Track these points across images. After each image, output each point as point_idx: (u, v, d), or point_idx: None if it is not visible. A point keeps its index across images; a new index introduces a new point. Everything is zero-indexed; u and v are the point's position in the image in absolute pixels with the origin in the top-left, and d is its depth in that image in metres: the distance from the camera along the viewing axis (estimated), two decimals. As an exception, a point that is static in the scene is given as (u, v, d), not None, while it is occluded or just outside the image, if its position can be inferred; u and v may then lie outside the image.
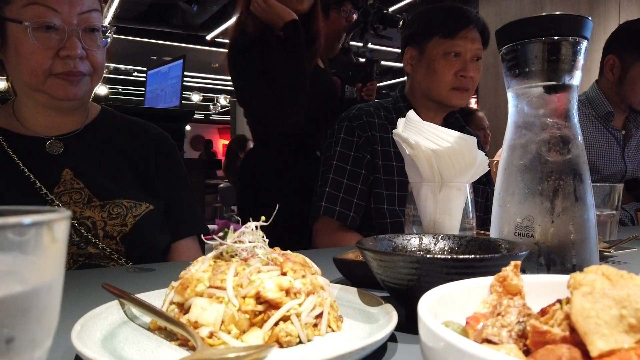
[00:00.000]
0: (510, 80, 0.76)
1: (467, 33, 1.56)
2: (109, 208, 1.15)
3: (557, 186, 0.71)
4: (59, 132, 1.19)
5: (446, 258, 0.57)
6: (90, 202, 1.14)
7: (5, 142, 1.12)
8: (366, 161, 1.55)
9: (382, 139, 1.58)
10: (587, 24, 0.71)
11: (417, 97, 1.67)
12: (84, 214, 1.12)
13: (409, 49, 1.67)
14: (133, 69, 10.89)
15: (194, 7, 7.80)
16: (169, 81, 3.29)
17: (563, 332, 0.29)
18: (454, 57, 1.56)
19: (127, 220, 1.15)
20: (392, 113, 1.66)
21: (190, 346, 0.52)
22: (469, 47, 1.56)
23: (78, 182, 1.15)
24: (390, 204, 1.52)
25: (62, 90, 1.11)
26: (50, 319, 0.28)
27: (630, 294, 0.27)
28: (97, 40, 1.15)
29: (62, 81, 1.10)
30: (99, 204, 1.14)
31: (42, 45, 1.06)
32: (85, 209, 1.13)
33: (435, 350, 0.31)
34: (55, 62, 1.08)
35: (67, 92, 1.11)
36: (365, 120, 1.58)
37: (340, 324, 0.59)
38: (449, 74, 1.56)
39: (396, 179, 1.55)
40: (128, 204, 1.17)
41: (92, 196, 1.14)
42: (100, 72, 1.18)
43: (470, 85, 1.59)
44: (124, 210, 1.16)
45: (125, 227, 1.15)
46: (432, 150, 0.87)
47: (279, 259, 0.60)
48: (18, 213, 0.26)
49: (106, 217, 1.14)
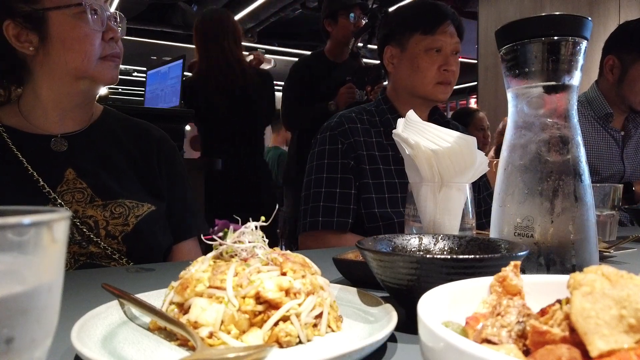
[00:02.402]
0: (510, 81, 0.76)
1: (445, 28, 1.59)
2: (111, 208, 1.15)
3: (557, 186, 0.71)
4: (64, 130, 1.20)
5: (446, 258, 0.57)
6: (93, 201, 1.14)
7: (10, 140, 1.13)
8: (351, 167, 1.56)
9: (367, 144, 1.59)
10: (587, 24, 0.71)
11: (400, 96, 1.68)
12: (86, 213, 1.13)
13: (389, 48, 1.69)
14: (133, 69, 10.88)
15: (194, 7, 7.79)
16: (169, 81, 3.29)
17: (563, 332, 0.29)
18: (435, 52, 1.59)
19: (129, 220, 1.15)
20: (375, 116, 1.67)
21: (190, 346, 0.52)
22: (449, 42, 1.59)
23: (81, 182, 1.15)
24: (381, 207, 1.52)
25: (109, 73, 1.16)
26: (50, 319, 0.28)
27: (630, 294, 0.27)
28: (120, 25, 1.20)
29: (109, 63, 1.15)
30: (101, 203, 1.14)
31: (96, 28, 1.11)
32: (87, 208, 1.13)
33: (435, 351, 0.31)
34: (102, 45, 1.13)
35: (113, 74, 1.17)
36: (347, 127, 1.60)
37: (340, 324, 0.59)
38: (432, 69, 1.58)
39: (384, 181, 1.55)
40: (130, 204, 1.18)
41: (94, 195, 1.15)
42: (122, 58, 1.22)
43: (452, 78, 1.62)
44: (126, 210, 1.16)
45: (127, 227, 1.15)
46: (432, 150, 0.87)
47: (278, 259, 0.60)
48: (18, 213, 0.26)
49: (108, 216, 1.14)
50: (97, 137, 1.23)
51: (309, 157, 1.66)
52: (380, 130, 1.63)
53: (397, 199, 1.53)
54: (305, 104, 3.04)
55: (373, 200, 1.53)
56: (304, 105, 3.05)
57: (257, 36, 8.88)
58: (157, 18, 8.55)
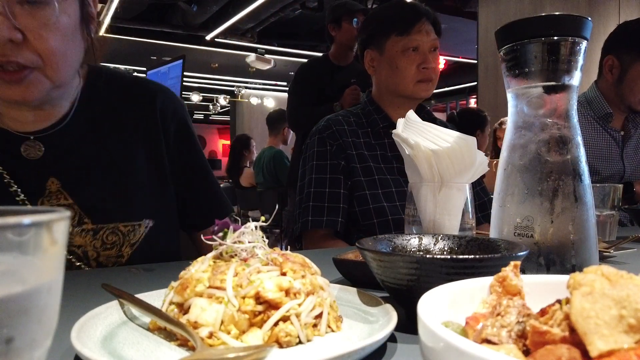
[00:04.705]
0: (510, 81, 0.76)
1: (421, 26, 1.61)
2: (103, 236, 0.99)
3: (557, 186, 0.71)
4: (35, 127, 0.96)
5: (446, 258, 0.57)
6: (82, 223, 0.97)
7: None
8: (341, 167, 1.57)
9: (355, 144, 1.61)
10: (587, 24, 0.71)
11: (384, 97, 1.70)
12: (73, 241, 0.96)
13: (368, 52, 1.71)
14: (133, 69, 10.88)
15: (194, 7, 7.80)
16: (169, 81, 3.30)
17: (563, 332, 0.29)
18: (412, 51, 1.60)
19: (124, 251, 1.02)
20: (362, 118, 1.69)
21: (189, 346, 0.52)
22: (425, 40, 1.61)
23: (66, 197, 0.96)
24: (375, 202, 1.53)
25: (4, 91, 0.84)
26: (50, 319, 0.28)
27: (630, 294, 0.27)
28: (44, 17, 0.82)
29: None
30: (91, 227, 0.98)
31: None
32: (75, 235, 0.96)
33: (434, 350, 0.31)
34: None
35: (12, 93, 0.84)
36: (335, 129, 1.61)
37: (339, 324, 0.59)
38: (411, 69, 1.60)
39: (376, 177, 1.57)
40: (125, 229, 1.01)
41: (83, 215, 0.97)
42: (57, 64, 0.86)
43: (433, 75, 1.63)
44: (120, 239, 1.01)
45: (122, 259, 1.02)
46: (432, 150, 0.87)
47: (278, 259, 0.60)
48: (18, 213, 0.26)
49: (99, 247, 0.99)
50: (80, 128, 1.00)
51: (300, 163, 1.68)
52: (367, 131, 1.65)
53: (392, 194, 1.54)
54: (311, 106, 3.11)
55: (367, 197, 1.54)
56: (309, 107, 3.10)
57: (257, 36, 8.89)
58: (157, 18, 8.56)
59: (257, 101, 13.04)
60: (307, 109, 3.12)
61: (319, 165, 1.58)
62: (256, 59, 9.24)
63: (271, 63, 9.40)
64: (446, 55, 9.52)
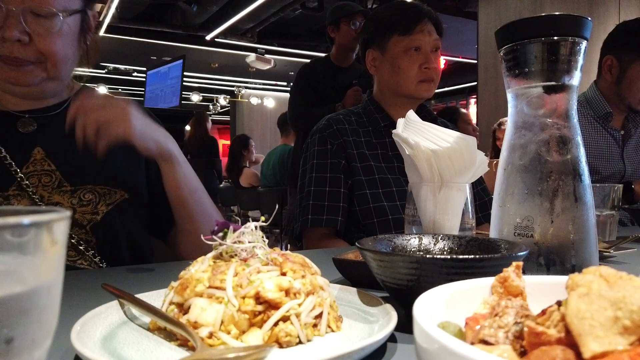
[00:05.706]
0: (510, 81, 0.76)
1: (422, 27, 1.61)
2: (80, 194, 1.07)
3: (557, 186, 0.71)
4: (32, 107, 1.11)
5: (446, 258, 0.57)
6: (61, 186, 1.07)
7: None
8: (342, 166, 1.57)
9: (356, 143, 1.61)
10: (587, 24, 0.71)
11: (386, 97, 1.70)
12: (52, 199, 1.05)
13: (370, 52, 1.71)
14: (133, 69, 10.89)
15: (194, 7, 7.79)
16: (169, 81, 3.30)
17: (559, 334, 0.29)
18: (414, 51, 1.60)
19: (99, 209, 1.08)
20: (363, 117, 1.70)
21: (189, 346, 0.52)
22: (427, 40, 1.61)
23: (49, 163, 1.08)
24: (376, 201, 1.53)
25: (2, 73, 1.01)
26: (50, 319, 0.28)
27: (626, 296, 0.27)
28: (50, 25, 1.01)
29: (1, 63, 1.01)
30: (69, 189, 1.07)
31: None
32: (54, 194, 1.05)
33: (429, 352, 0.31)
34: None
35: (8, 75, 1.02)
36: (335, 128, 1.61)
37: (339, 324, 0.59)
38: (413, 69, 1.60)
39: (377, 177, 1.57)
40: (101, 191, 1.10)
41: (62, 180, 1.07)
42: (56, 62, 1.05)
43: (435, 75, 1.63)
44: (96, 198, 1.09)
45: (97, 216, 1.08)
46: (432, 150, 0.87)
47: (278, 259, 0.60)
48: (18, 213, 0.26)
49: (76, 203, 1.06)
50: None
51: (301, 161, 1.68)
52: (368, 130, 1.65)
53: (392, 193, 1.54)
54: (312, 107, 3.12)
55: (367, 196, 1.54)
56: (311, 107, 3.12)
57: (257, 36, 8.89)
58: (157, 18, 8.56)
59: (257, 101, 13.03)
60: (308, 109, 3.13)
61: (319, 164, 1.58)
62: (256, 59, 9.23)
63: (271, 63, 9.40)
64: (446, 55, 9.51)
